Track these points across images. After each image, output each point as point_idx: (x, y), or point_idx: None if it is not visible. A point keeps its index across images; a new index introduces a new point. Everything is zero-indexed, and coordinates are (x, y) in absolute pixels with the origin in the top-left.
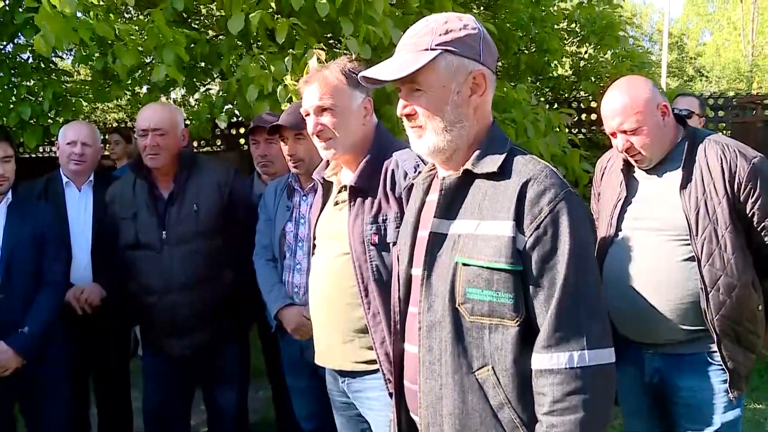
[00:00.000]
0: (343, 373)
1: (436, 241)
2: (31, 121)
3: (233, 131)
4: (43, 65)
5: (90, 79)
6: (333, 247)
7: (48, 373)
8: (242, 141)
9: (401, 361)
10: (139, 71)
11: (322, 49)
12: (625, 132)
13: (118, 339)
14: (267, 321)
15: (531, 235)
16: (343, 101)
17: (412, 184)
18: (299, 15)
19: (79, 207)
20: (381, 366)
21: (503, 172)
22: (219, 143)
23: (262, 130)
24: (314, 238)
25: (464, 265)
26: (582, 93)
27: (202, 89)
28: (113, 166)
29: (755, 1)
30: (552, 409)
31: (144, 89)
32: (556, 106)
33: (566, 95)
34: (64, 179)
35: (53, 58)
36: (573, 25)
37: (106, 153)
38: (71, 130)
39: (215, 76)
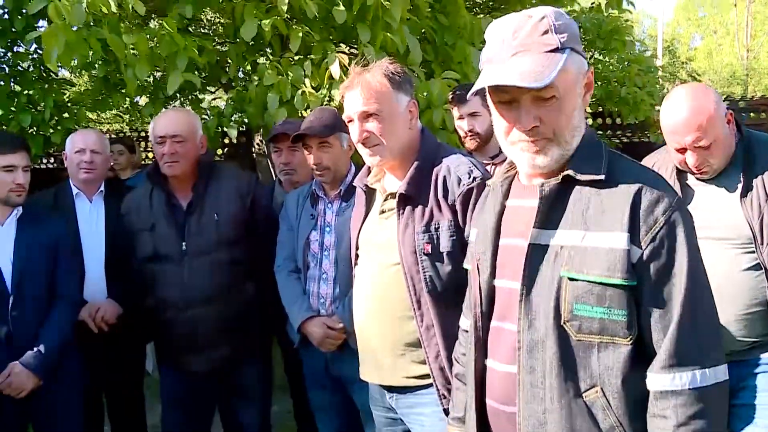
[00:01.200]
0: (392, 389)
1: (536, 253)
2: (32, 131)
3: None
4: (44, 74)
5: (90, 87)
6: (380, 258)
7: (62, 392)
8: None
9: (483, 377)
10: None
11: (343, 53)
12: (699, 148)
13: (132, 356)
14: (287, 333)
15: (647, 247)
16: (389, 106)
17: (470, 190)
18: (313, 22)
19: (91, 219)
20: (435, 381)
21: (608, 179)
22: (220, 152)
23: (285, 137)
24: (357, 248)
25: (571, 279)
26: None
27: (208, 99)
28: (116, 177)
29: (749, 5)
30: None
31: (142, 99)
32: None
33: None
34: (74, 190)
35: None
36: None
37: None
38: (79, 138)
39: (219, 85)
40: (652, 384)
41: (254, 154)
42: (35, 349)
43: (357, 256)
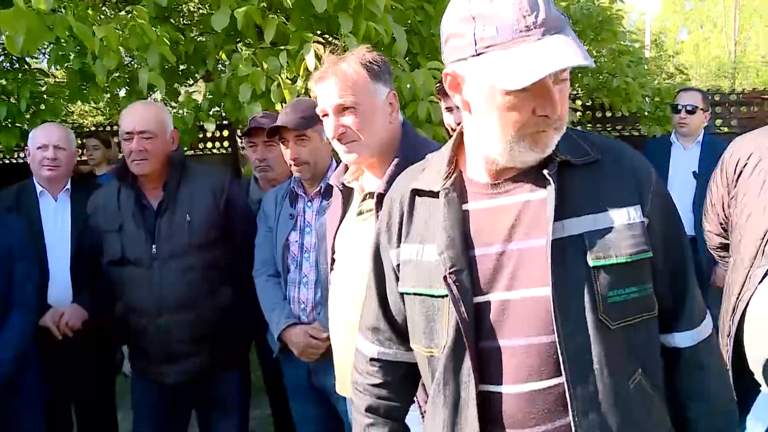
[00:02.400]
0: None
1: (557, 250)
2: (7, 123)
3: (216, 134)
4: (18, 65)
5: (66, 80)
6: (357, 263)
7: (21, 406)
8: (227, 144)
9: (485, 405)
10: (117, 72)
11: (320, 43)
12: None
13: (101, 363)
14: (264, 337)
15: (652, 214)
16: (366, 98)
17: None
18: (292, 11)
19: (56, 218)
20: (417, 398)
21: (597, 160)
22: (201, 146)
23: (260, 131)
24: (333, 252)
25: (600, 267)
26: (578, 90)
27: (185, 92)
28: (91, 171)
29: None
30: (713, 380)
31: (122, 92)
32: None
33: None
34: (38, 188)
35: (26, 59)
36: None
37: (83, 158)
38: (41, 133)
39: (197, 78)
40: (683, 341)
41: (240, 148)
42: None
43: (333, 260)
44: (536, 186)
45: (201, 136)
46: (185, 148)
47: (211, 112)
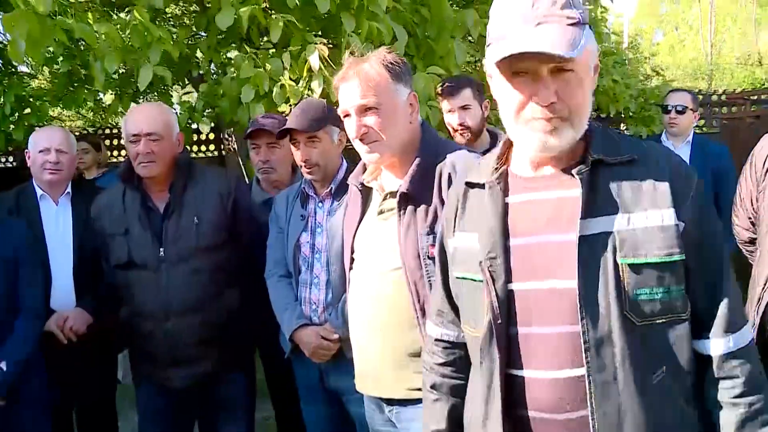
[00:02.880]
0: (393, 401)
1: (586, 245)
2: None
3: (201, 137)
4: (3, 67)
5: (51, 82)
6: (379, 262)
7: (27, 412)
8: (213, 147)
9: (509, 388)
10: (115, 75)
11: (324, 44)
12: None
13: (103, 369)
14: (268, 340)
15: (689, 219)
16: (388, 98)
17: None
18: (294, 11)
19: (58, 222)
20: None
21: (634, 160)
22: (191, 149)
23: (263, 133)
24: (352, 252)
25: (630, 265)
26: None
27: (179, 93)
28: (81, 176)
29: (712, 1)
30: (745, 389)
31: (105, 96)
32: None
33: None
34: (39, 192)
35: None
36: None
37: None
38: (43, 136)
39: (187, 81)
40: (716, 348)
41: (223, 151)
42: None
43: (352, 260)
44: (571, 183)
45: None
46: None
47: (205, 114)
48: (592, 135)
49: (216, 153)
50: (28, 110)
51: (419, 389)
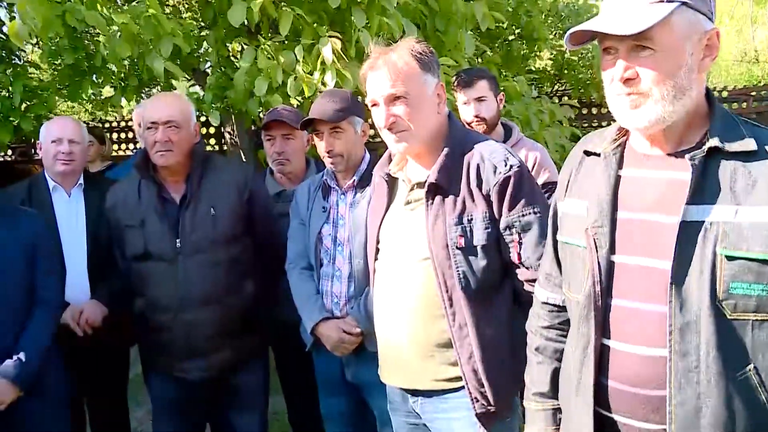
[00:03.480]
0: (417, 392)
1: (687, 230)
2: (0, 117)
3: (203, 131)
4: (7, 58)
5: (53, 75)
6: (406, 253)
7: (46, 404)
8: (213, 141)
9: (601, 357)
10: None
11: (337, 38)
12: None
13: (115, 361)
14: (280, 333)
15: None
16: (417, 88)
17: (507, 179)
18: (303, 5)
19: (70, 214)
20: (467, 384)
21: (755, 152)
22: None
23: (278, 124)
24: (377, 242)
25: (728, 257)
26: (565, 86)
27: (185, 86)
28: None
29: None
30: None
31: (105, 90)
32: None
33: (548, 89)
34: (51, 183)
35: (17, 52)
36: (552, 19)
37: None
38: (55, 127)
39: (191, 74)
40: None
41: (224, 145)
42: (15, 357)
43: (377, 250)
44: (684, 166)
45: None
46: None
47: (214, 106)
48: (713, 119)
49: (217, 147)
50: (35, 101)
51: (445, 380)
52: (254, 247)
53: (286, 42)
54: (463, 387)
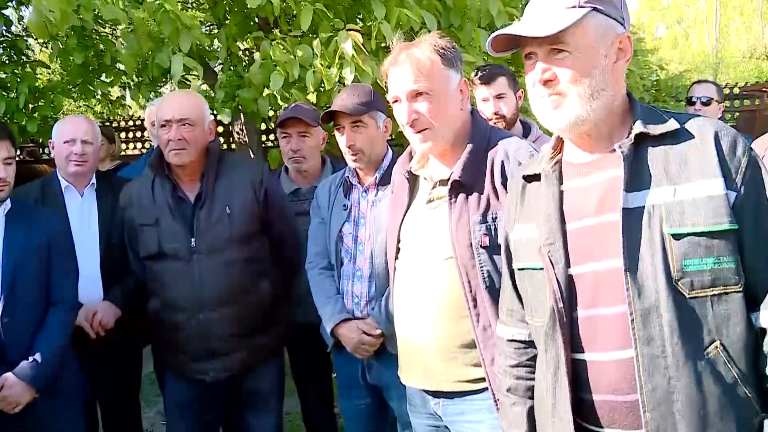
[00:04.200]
0: (439, 394)
1: (630, 218)
2: (6, 119)
3: (218, 129)
4: (15, 57)
5: (62, 74)
6: (429, 252)
7: (62, 405)
8: (222, 140)
9: (574, 373)
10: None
11: (357, 31)
12: None
13: (128, 361)
14: (295, 328)
15: (740, 188)
16: (440, 84)
17: (528, 177)
18: None
19: (83, 214)
20: (491, 386)
21: (678, 132)
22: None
23: (294, 122)
24: (398, 241)
25: (675, 236)
26: None
27: (197, 84)
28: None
29: None
30: None
31: (114, 90)
32: None
33: None
34: (63, 183)
35: (25, 50)
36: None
37: None
38: (68, 127)
39: (204, 71)
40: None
41: (233, 144)
42: (30, 359)
43: (398, 249)
44: (619, 161)
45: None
46: None
47: (225, 104)
48: (635, 111)
49: (225, 146)
50: (41, 102)
51: (468, 381)
52: (270, 246)
53: (303, 36)
54: (486, 389)
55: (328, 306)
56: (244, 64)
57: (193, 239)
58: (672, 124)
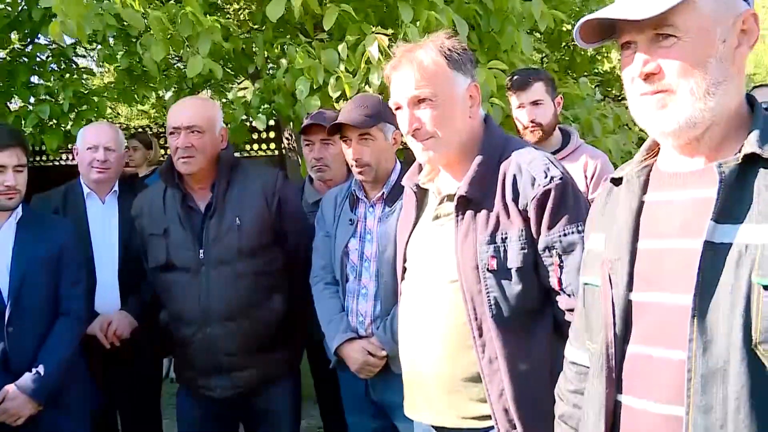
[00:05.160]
0: (443, 430)
1: (712, 254)
2: (51, 123)
3: (263, 135)
4: (63, 65)
5: (114, 80)
6: (433, 273)
7: (65, 417)
8: (273, 146)
9: (614, 418)
10: (166, 71)
11: (384, 35)
12: None
13: (147, 371)
14: (317, 346)
15: None
16: (445, 90)
17: (547, 192)
18: (350, 1)
19: (104, 221)
20: (497, 424)
21: None
22: (248, 148)
23: (318, 129)
24: (404, 261)
25: (767, 288)
26: None
27: (234, 90)
28: (135, 174)
29: None
30: None
31: (169, 94)
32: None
33: (616, 92)
34: (86, 190)
35: (74, 57)
36: None
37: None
38: (91, 133)
39: (245, 76)
40: None
41: (283, 150)
42: (33, 370)
43: (405, 269)
44: (716, 180)
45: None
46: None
47: (261, 110)
48: (754, 121)
49: (276, 152)
50: (86, 106)
51: (473, 418)
52: (285, 258)
53: (330, 40)
54: (492, 428)
55: (331, 324)
56: (284, 67)
57: (201, 250)
58: None
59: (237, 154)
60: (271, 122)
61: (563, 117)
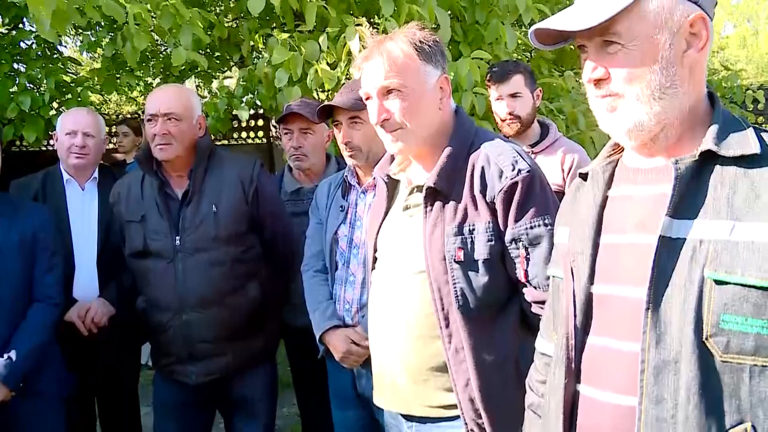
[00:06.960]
0: (411, 418)
1: (667, 248)
2: (32, 113)
3: (251, 123)
4: (48, 52)
5: (98, 68)
6: (401, 264)
7: (39, 404)
8: (261, 134)
9: (573, 407)
10: (153, 59)
11: (370, 23)
12: None
13: (125, 358)
14: (295, 335)
15: None
16: (414, 81)
17: (514, 185)
18: None
19: (83, 208)
20: (463, 414)
21: (760, 157)
22: (235, 136)
23: (296, 118)
24: (375, 251)
25: (718, 282)
26: None
27: (219, 79)
28: (123, 160)
29: None
30: None
31: (157, 80)
32: None
33: None
34: (65, 176)
35: (59, 46)
36: None
37: (113, 146)
38: (70, 119)
39: (232, 64)
40: None
41: (271, 138)
42: (5, 356)
43: (375, 259)
44: (671, 177)
45: (235, 125)
46: (215, 137)
47: (244, 100)
48: (713, 119)
49: (264, 140)
50: (69, 96)
51: (439, 407)
52: (262, 246)
53: (312, 32)
54: (458, 416)
55: (317, 312)
56: (265, 58)
57: (177, 237)
58: (751, 146)
59: (225, 142)
60: (260, 111)
61: (548, 110)
